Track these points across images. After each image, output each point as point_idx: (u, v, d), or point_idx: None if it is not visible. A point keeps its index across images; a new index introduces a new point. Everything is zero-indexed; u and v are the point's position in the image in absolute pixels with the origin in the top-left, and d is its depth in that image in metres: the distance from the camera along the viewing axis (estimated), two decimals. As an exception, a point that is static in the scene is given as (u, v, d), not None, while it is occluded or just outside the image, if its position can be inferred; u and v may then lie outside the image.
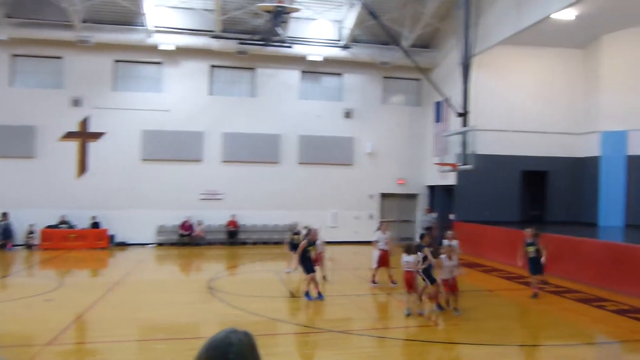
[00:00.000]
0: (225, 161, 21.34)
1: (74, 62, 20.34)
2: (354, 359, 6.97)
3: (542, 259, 10.99)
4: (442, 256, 9.51)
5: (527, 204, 20.48)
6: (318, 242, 11.42)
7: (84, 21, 19.18)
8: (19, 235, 19.35)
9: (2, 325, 8.53)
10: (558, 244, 13.46)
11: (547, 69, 20.63)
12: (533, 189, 20.52)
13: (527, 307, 10.52)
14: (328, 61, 21.57)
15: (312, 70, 22.17)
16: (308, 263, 10.65)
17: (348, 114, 22.42)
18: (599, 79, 19.86)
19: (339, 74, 22.66)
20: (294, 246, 12.89)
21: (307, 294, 10.43)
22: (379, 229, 13.16)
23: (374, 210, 22.70)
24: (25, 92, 20.15)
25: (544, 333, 8.63)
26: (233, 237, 20.94)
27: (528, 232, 11.34)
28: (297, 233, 13.77)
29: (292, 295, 10.94)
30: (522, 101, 20.15)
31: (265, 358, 1.64)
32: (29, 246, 19.03)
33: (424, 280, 9.81)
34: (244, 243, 21.13)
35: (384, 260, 12.55)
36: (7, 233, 19.04)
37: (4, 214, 19.11)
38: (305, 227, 12.49)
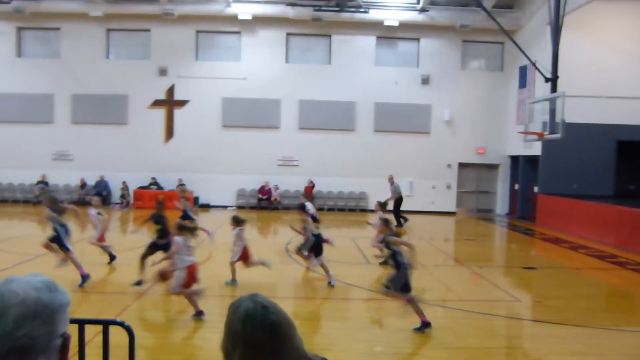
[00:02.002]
0: (301, 128, 21.64)
1: (160, 34, 21.29)
2: (430, 328, 6.96)
3: None
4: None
5: (623, 177, 18.91)
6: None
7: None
8: (115, 195, 21.05)
9: (104, 274, 9.37)
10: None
11: (649, 26, 18.74)
12: (630, 161, 18.94)
13: (619, 288, 9.96)
14: (404, 26, 20.97)
15: (388, 35, 21.67)
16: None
17: (425, 81, 21.81)
18: None
19: (415, 39, 21.99)
20: None
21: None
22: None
23: (451, 180, 22.18)
24: (118, 64, 21.46)
25: (636, 318, 8.14)
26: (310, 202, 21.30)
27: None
28: None
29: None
30: (619, 64, 18.37)
31: (338, 323, 1.70)
32: (123, 204, 20.65)
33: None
34: (319, 209, 21.46)
35: None
36: (105, 192, 20.79)
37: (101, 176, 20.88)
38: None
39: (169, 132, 21.55)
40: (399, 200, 17.60)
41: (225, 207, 21.35)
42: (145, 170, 20.94)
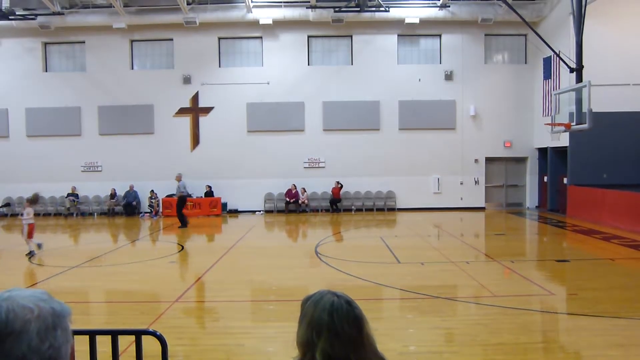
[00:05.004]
0: (326, 130, 21.70)
1: (183, 43, 21.65)
2: (460, 325, 6.92)
3: None
4: None
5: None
6: None
7: (189, 3, 20.26)
8: (144, 204, 21.44)
9: (135, 283, 9.57)
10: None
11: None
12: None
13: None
14: (425, 22, 20.92)
15: (409, 33, 21.60)
16: None
17: (448, 76, 21.64)
18: None
19: (437, 35, 21.85)
20: None
21: None
22: None
23: (479, 175, 21.95)
24: (143, 74, 21.89)
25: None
26: (336, 203, 21.37)
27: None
28: None
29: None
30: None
31: (371, 323, 1.74)
32: (152, 213, 20.99)
33: None
34: (347, 210, 21.54)
35: None
36: (134, 201, 21.27)
37: (130, 185, 21.27)
38: None
39: (195, 140, 21.86)
40: (182, 199, 17.27)
41: (253, 211, 21.55)
42: (173, 178, 21.20)
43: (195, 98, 21.71)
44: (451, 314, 7.45)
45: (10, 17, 19.49)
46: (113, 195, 21.41)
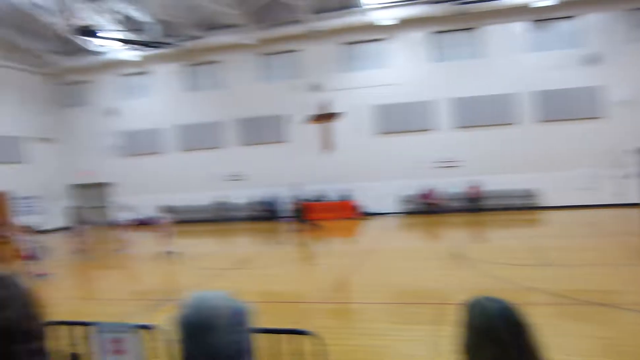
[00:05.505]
0: (457, 127, 21.09)
1: (309, 52, 22.54)
2: (622, 336, 6.29)
3: None
4: None
5: None
6: None
7: (312, 13, 21.04)
8: (282, 209, 22.47)
9: (281, 285, 10.18)
10: None
11: None
12: None
13: None
14: (559, 4, 19.25)
15: (540, 17, 20.09)
16: None
17: (591, 60, 19.72)
18: None
19: (573, 17, 20.03)
20: None
21: None
22: None
23: (632, 168, 19.66)
24: (273, 86, 23.15)
25: None
26: (473, 203, 20.60)
27: None
28: None
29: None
30: None
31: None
32: (291, 218, 22.01)
33: None
34: (485, 209, 20.60)
35: None
36: (278, 206, 22.45)
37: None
38: None
39: (328, 145, 22.57)
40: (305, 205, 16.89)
41: (387, 214, 21.62)
42: (309, 183, 22.08)
43: (324, 105, 22.42)
44: (610, 323, 6.81)
45: (158, 46, 21.86)
46: (255, 202, 22.89)
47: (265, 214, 22.59)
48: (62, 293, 10.73)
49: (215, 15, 21.76)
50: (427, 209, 20.94)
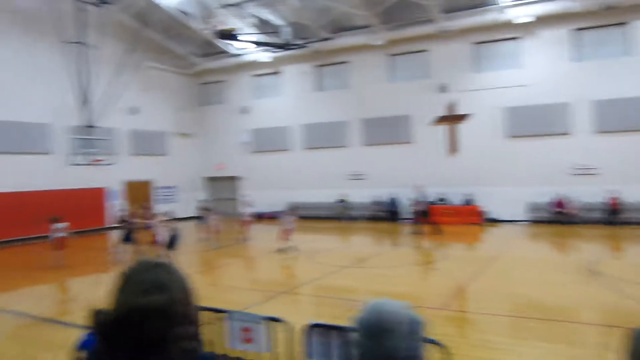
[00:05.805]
0: (596, 132, 19.23)
1: (438, 52, 22.00)
2: None
3: None
4: None
5: None
6: None
7: (442, 12, 20.47)
8: (404, 210, 22.20)
9: (398, 286, 10.11)
10: None
11: None
12: None
13: None
14: None
15: None
16: None
17: None
18: None
19: None
20: None
21: None
22: None
23: None
24: (400, 86, 22.98)
25: None
26: (611, 215, 18.65)
27: None
28: None
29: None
30: None
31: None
32: (413, 220, 21.69)
33: None
34: (624, 222, 18.48)
35: None
36: (398, 207, 22.35)
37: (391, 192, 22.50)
38: None
39: (453, 147, 21.89)
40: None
41: (514, 221, 20.38)
42: (431, 185, 21.46)
43: (452, 106, 21.76)
44: None
45: (289, 48, 22.80)
46: (377, 202, 22.95)
47: (385, 215, 22.53)
48: (190, 279, 11.58)
49: (344, 16, 22.19)
50: (558, 218, 19.38)
